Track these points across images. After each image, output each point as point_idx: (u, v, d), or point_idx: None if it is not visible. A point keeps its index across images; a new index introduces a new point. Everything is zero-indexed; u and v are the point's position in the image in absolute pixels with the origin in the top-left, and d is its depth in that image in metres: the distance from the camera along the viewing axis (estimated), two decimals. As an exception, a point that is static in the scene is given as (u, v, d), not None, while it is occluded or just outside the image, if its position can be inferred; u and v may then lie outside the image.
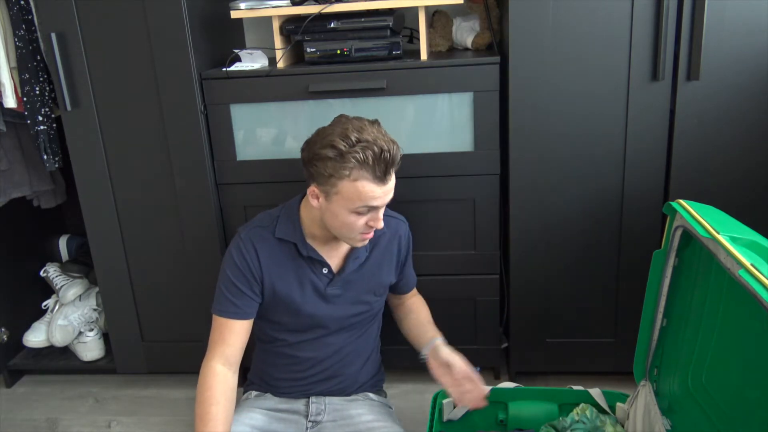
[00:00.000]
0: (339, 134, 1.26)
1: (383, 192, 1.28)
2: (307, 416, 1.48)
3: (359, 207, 1.28)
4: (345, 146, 1.24)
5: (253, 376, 1.58)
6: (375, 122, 1.31)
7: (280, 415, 1.48)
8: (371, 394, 1.56)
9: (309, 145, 1.32)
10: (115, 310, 1.93)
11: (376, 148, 1.23)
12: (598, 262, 1.73)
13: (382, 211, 1.33)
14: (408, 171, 1.70)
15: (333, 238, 1.41)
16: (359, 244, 1.39)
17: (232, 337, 1.38)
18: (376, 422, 1.45)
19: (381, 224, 1.33)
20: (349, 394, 1.53)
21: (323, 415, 1.48)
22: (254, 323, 1.45)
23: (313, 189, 1.32)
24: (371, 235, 1.37)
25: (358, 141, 1.24)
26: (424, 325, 1.58)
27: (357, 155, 1.23)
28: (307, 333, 1.46)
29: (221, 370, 1.36)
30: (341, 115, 1.34)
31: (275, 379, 1.51)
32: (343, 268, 1.44)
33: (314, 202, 1.33)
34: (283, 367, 1.50)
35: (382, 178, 1.26)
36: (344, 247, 1.45)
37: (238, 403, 1.47)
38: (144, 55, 1.66)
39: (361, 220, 1.31)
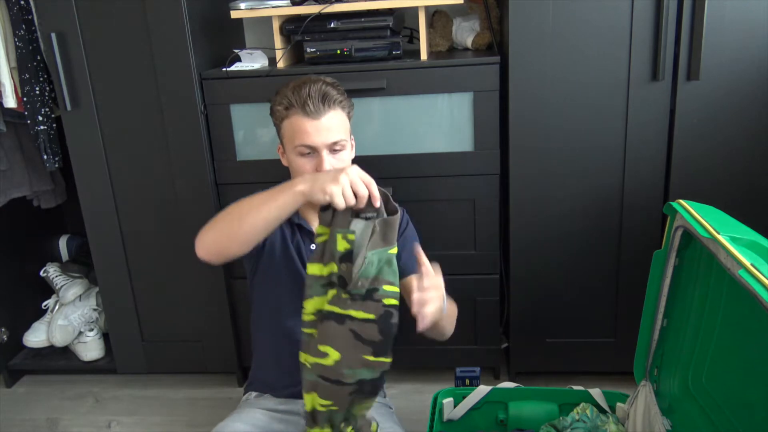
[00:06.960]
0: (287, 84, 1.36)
1: (315, 128, 1.31)
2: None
3: (298, 145, 1.32)
4: (285, 87, 1.35)
5: (253, 377, 1.57)
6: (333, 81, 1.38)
7: (280, 415, 1.48)
8: None
9: None
10: (115, 310, 1.93)
11: (306, 86, 1.31)
12: (599, 262, 1.73)
13: (325, 155, 1.33)
14: (408, 171, 1.71)
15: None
16: None
17: None
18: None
19: (326, 168, 1.32)
20: None
21: None
22: (253, 313, 1.48)
23: (279, 147, 1.41)
24: None
25: (297, 83, 1.33)
26: None
27: (289, 93, 1.32)
28: (296, 295, 1.38)
29: None
30: None
31: (274, 380, 1.50)
32: None
33: (283, 161, 1.41)
34: (281, 363, 1.47)
35: (312, 112, 1.30)
36: None
37: (239, 403, 1.47)
38: (144, 55, 1.67)
39: (308, 165, 1.34)
